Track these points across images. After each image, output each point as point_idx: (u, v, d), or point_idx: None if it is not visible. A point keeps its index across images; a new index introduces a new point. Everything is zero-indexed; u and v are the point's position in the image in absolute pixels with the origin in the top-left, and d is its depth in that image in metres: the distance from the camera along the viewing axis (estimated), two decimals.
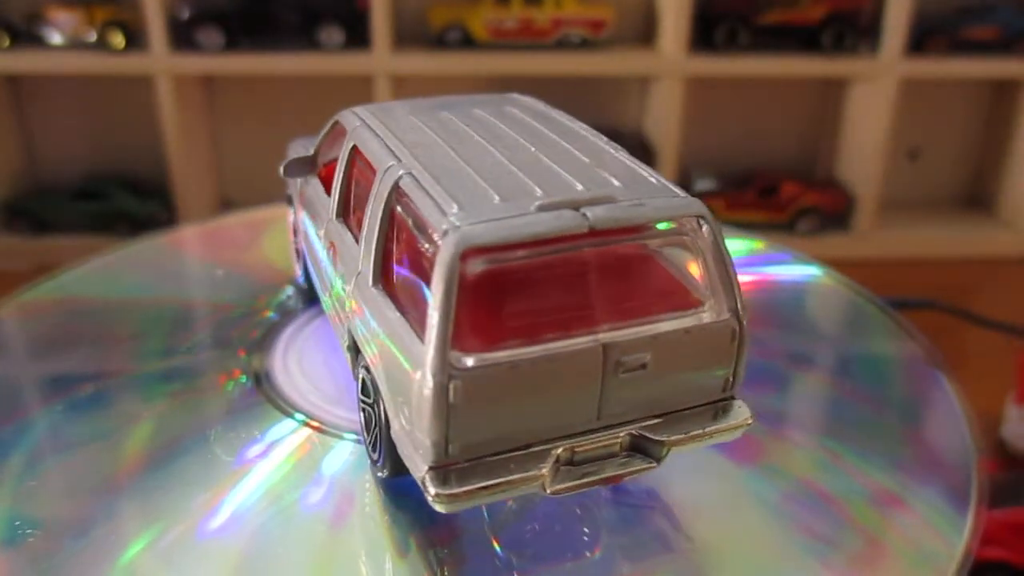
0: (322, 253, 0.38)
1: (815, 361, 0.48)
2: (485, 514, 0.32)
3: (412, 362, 0.27)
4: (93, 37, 1.29)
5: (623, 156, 0.32)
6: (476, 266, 0.26)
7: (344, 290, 0.34)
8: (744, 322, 0.30)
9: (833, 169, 1.49)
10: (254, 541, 0.32)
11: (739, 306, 0.29)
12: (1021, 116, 1.40)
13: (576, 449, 0.29)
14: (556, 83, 1.35)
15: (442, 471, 0.27)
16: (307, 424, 0.37)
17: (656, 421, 0.30)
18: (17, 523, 0.32)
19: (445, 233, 0.26)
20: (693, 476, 0.35)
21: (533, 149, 0.32)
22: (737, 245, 0.59)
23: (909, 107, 1.39)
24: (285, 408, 0.39)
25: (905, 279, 1.34)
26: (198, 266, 0.57)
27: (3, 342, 0.47)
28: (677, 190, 0.30)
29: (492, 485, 0.27)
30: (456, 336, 0.26)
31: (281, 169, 0.42)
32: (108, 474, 0.35)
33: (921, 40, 1.32)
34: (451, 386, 0.26)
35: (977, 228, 1.47)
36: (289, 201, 0.47)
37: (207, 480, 0.34)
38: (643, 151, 1.40)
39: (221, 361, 0.42)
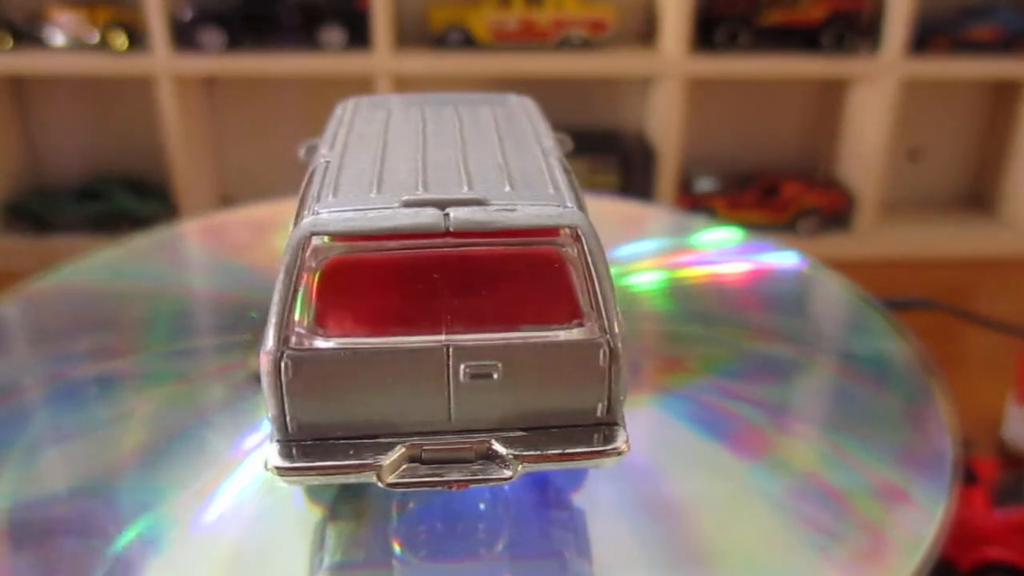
0: None
1: (805, 353, 0.48)
2: (394, 512, 0.32)
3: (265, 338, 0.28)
4: (95, 38, 1.29)
5: (547, 163, 0.32)
6: (322, 253, 0.27)
7: None
8: (617, 344, 0.28)
9: (834, 169, 1.49)
10: (249, 530, 0.32)
11: (613, 327, 0.28)
12: (1022, 117, 1.40)
13: (425, 448, 0.29)
14: (557, 84, 1.35)
15: (288, 446, 0.28)
16: None
17: (519, 434, 0.29)
18: (11, 509, 0.33)
19: (303, 219, 0.28)
20: (694, 470, 0.35)
21: (460, 149, 0.33)
22: (721, 235, 0.59)
23: (910, 107, 1.39)
24: None
25: (906, 279, 1.34)
26: (201, 258, 0.57)
27: (2, 330, 0.48)
28: (569, 201, 0.29)
29: (327, 466, 0.28)
30: (298, 318, 0.27)
31: (302, 151, 0.43)
32: (105, 462, 0.35)
33: (922, 40, 1.32)
34: (283, 365, 0.27)
35: (977, 228, 1.47)
36: None
37: (203, 469, 0.34)
38: (644, 152, 1.40)
39: (221, 351, 0.43)
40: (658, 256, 0.56)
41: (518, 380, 0.28)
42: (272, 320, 0.27)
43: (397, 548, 0.30)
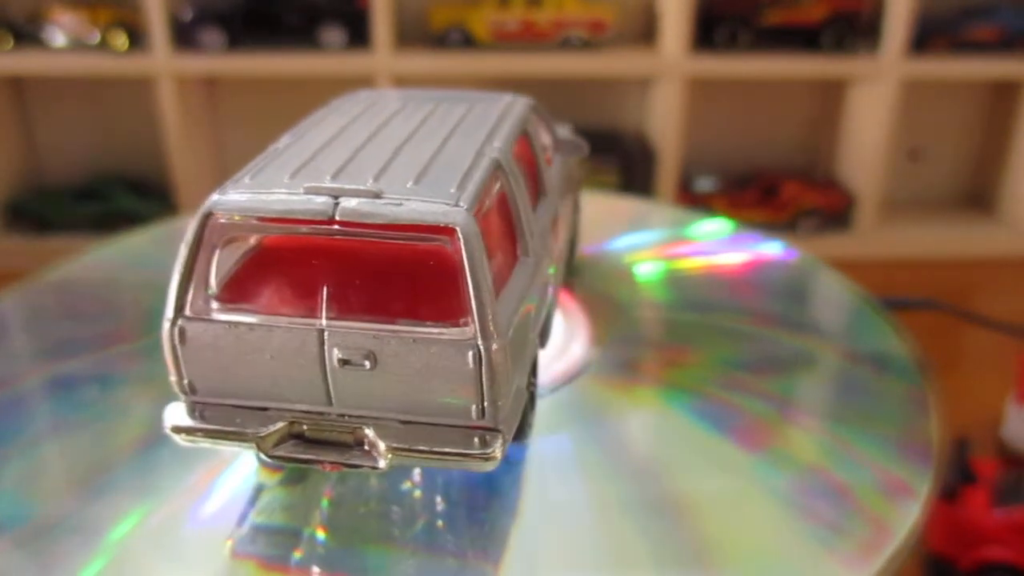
0: None
1: (807, 348, 0.48)
2: (323, 489, 0.33)
3: None
4: (96, 38, 1.29)
5: (474, 162, 0.32)
6: (220, 230, 0.29)
7: None
8: (491, 347, 0.28)
9: (834, 169, 1.49)
10: (246, 524, 0.32)
11: (488, 331, 0.28)
12: (1022, 116, 1.41)
13: (307, 426, 0.30)
14: (557, 84, 1.35)
15: (192, 407, 0.30)
16: None
17: (397, 426, 0.29)
18: (10, 499, 0.33)
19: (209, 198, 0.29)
20: (698, 464, 0.35)
21: (402, 142, 0.33)
22: (713, 227, 0.59)
23: (910, 107, 1.39)
24: None
25: (906, 279, 1.34)
26: None
27: (4, 323, 0.48)
28: (464, 200, 0.29)
29: (212, 430, 0.30)
30: (197, 291, 0.29)
31: None
32: (103, 455, 0.35)
33: (922, 40, 1.32)
34: (175, 331, 0.29)
35: (977, 228, 1.47)
36: None
37: (201, 463, 0.34)
38: (644, 152, 1.40)
39: None
40: (655, 247, 0.57)
41: (392, 372, 0.29)
42: (171, 290, 0.29)
43: (319, 530, 0.31)
